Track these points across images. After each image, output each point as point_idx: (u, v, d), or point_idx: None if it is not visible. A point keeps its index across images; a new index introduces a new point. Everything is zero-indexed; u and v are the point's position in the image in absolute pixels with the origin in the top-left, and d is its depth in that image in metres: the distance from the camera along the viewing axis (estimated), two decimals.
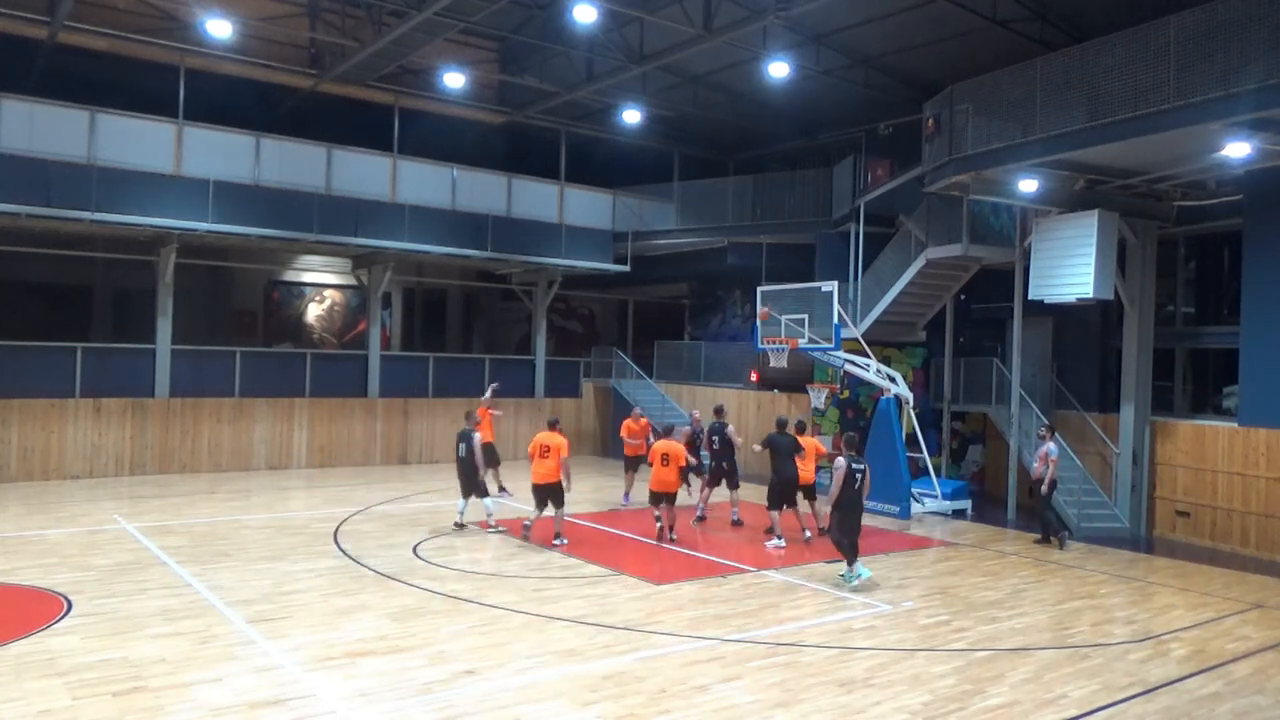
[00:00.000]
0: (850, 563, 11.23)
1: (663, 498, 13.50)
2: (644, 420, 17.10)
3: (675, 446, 13.63)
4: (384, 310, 24.55)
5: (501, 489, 16.69)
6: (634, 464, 16.85)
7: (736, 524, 14.93)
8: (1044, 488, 14.24)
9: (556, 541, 12.82)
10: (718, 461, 15.27)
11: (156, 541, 12.34)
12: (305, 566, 11.25)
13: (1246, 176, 14.24)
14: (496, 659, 8.04)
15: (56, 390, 17.72)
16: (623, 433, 17.11)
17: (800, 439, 13.91)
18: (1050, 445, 14.30)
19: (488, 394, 17.46)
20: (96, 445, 18.08)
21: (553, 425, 13.55)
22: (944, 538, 14.77)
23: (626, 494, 16.93)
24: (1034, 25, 16.03)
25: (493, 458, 16.20)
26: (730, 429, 15.24)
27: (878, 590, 10.99)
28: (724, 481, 15.14)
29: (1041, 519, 14.48)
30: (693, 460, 15.71)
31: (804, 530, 13.96)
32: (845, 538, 11.13)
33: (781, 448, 13.59)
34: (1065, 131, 13.15)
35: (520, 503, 14.98)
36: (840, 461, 10.96)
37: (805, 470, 13.86)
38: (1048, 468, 14.21)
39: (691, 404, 23.33)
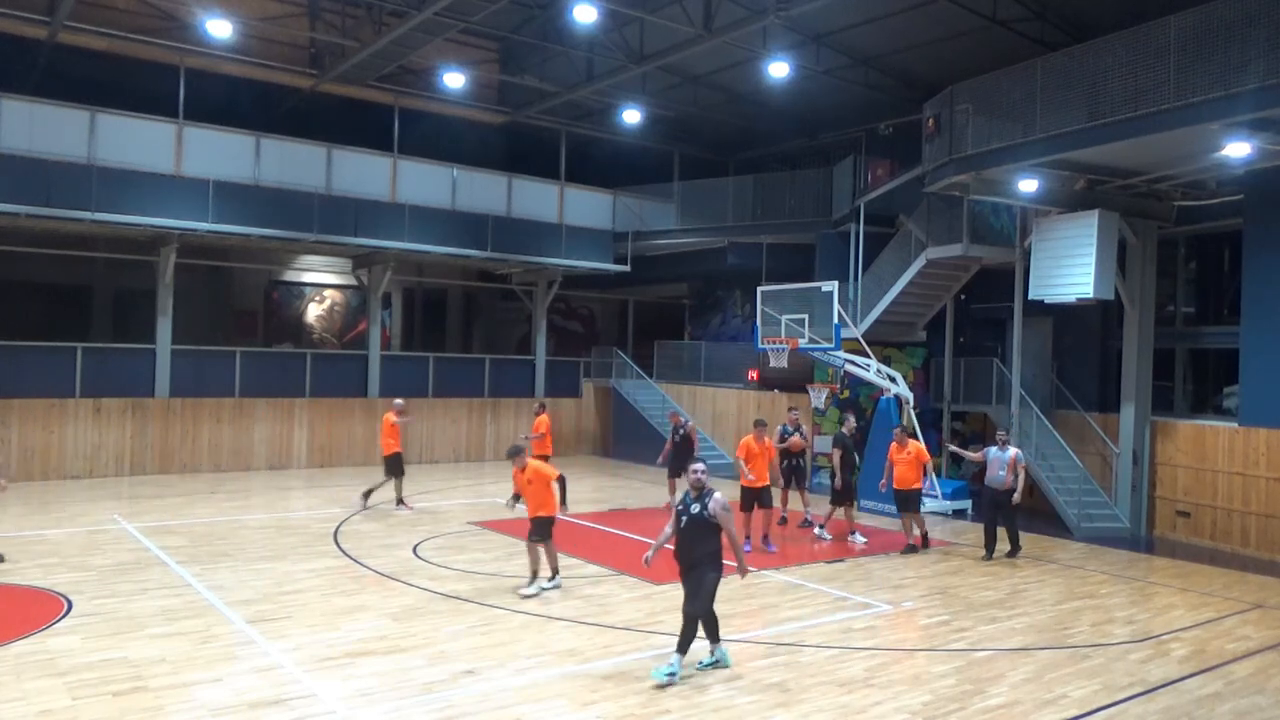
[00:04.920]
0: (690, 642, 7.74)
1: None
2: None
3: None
4: (384, 310, 24.54)
5: (400, 502, 15.39)
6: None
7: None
8: (1017, 497, 13.05)
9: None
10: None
11: (156, 541, 12.33)
12: (305, 566, 11.25)
13: (1246, 176, 14.24)
14: (496, 659, 8.04)
15: (56, 390, 17.72)
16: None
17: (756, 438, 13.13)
18: (1017, 450, 13.27)
19: (399, 401, 16.06)
20: (96, 445, 18.08)
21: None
22: (944, 538, 14.76)
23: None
24: (1034, 25, 16.04)
25: (397, 468, 15.25)
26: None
27: (878, 590, 10.98)
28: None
29: (1012, 530, 13.30)
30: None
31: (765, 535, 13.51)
32: None
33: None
34: (1065, 131, 13.14)
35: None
36: None
37: (757, 471, 13.05)
38: (1018, 475, 13.04)
39: (692, 404, 23.33)
